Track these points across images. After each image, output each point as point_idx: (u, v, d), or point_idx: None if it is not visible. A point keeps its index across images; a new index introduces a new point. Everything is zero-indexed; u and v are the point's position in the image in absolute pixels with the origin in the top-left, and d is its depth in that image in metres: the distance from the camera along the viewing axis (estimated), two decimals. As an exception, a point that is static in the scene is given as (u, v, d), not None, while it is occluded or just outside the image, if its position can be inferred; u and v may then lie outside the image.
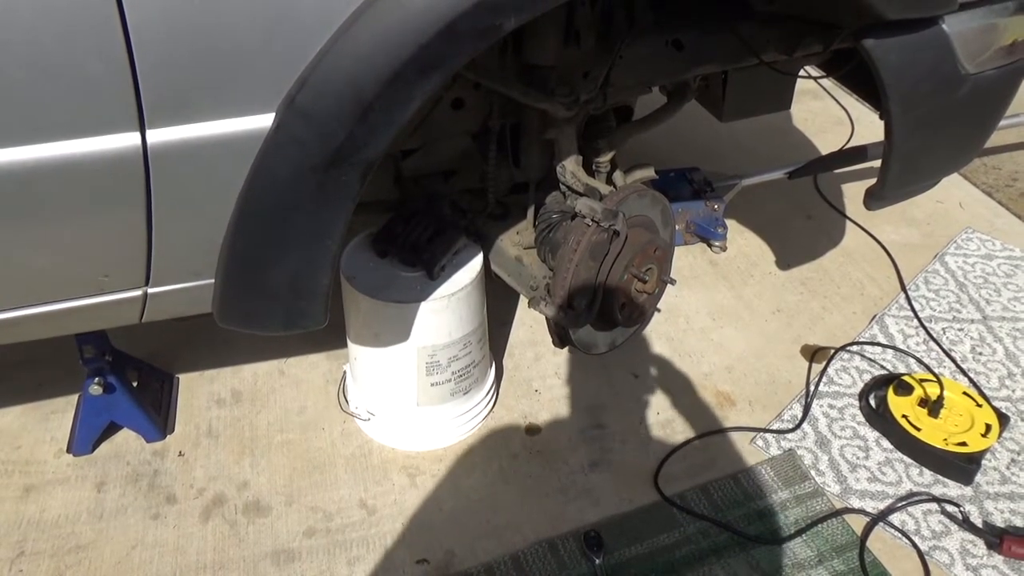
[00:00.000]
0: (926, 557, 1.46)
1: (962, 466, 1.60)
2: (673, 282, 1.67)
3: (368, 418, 1.68)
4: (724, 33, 1.57)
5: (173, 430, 1.71)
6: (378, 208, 1.74)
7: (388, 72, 0.97)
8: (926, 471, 1.63)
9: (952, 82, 1.38)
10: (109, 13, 0.85)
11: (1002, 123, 1.79)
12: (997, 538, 1.47)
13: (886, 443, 1.69)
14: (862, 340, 1.94)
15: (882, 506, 1.55)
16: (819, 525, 1.52)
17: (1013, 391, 1.82)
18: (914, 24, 1.30)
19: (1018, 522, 1.53)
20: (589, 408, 1.78)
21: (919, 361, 1.87)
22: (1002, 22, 1.38)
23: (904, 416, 1.67)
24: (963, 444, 1.61)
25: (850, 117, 2.91)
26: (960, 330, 1.99)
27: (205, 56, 0.91)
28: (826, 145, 2.75)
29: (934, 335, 1.96)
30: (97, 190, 0.97)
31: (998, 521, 1.53)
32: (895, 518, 1.53)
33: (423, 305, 1.49)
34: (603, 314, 1.56)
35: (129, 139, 0.93)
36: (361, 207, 1.14)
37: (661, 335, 1.97)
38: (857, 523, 1.53)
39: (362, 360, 1.64)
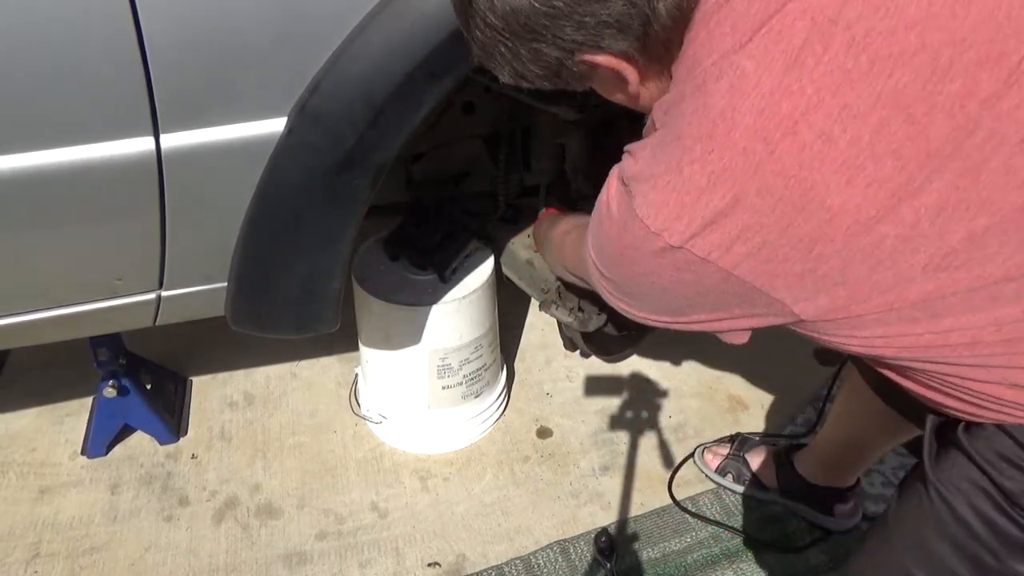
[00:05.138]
0: (941, 563, 1.45)
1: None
2: (685, 285, 1.66)
3: (380, 421, 1.68)
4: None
5: (186, 433, 1.72)
6: (389, 211, 1.74)
7: (399, 76, 0.97)
8: (941, 476, 1.61)
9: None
10: (123, 18, 0.86)
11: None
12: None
13: (901, 448, 1.67)
14: (876, 343, 1.93)
15: (896, 511, 1.54)
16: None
17: (1030, 395, 1.79)
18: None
19: (1035, 528, 1.51)
20: (600, 411, 1.77)
21: (934, 365, 1.84)
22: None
23: (919, 420, 1.66)
24: (979, 449, 1.60)
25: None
26: (975, 333, 1.97)
27: (218, 61, 0.92)
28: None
29: (949, 338, 1.94)
30: (111, 194, 0.98)
31: (1015, 527, 1.51)
32: (910, 523, 1.52)
33: (434, 308, 1.50)
34: (615, 317, 1.56)
35: (143, 144, 0.94)
36: (372, 210, 1.14)
37: (673, 338, 1.95)
38: (871, 528, 1.52)
39: (373, 363, 1.64)
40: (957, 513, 0.73)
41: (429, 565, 1.46)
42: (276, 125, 0.98)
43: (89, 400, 1.75)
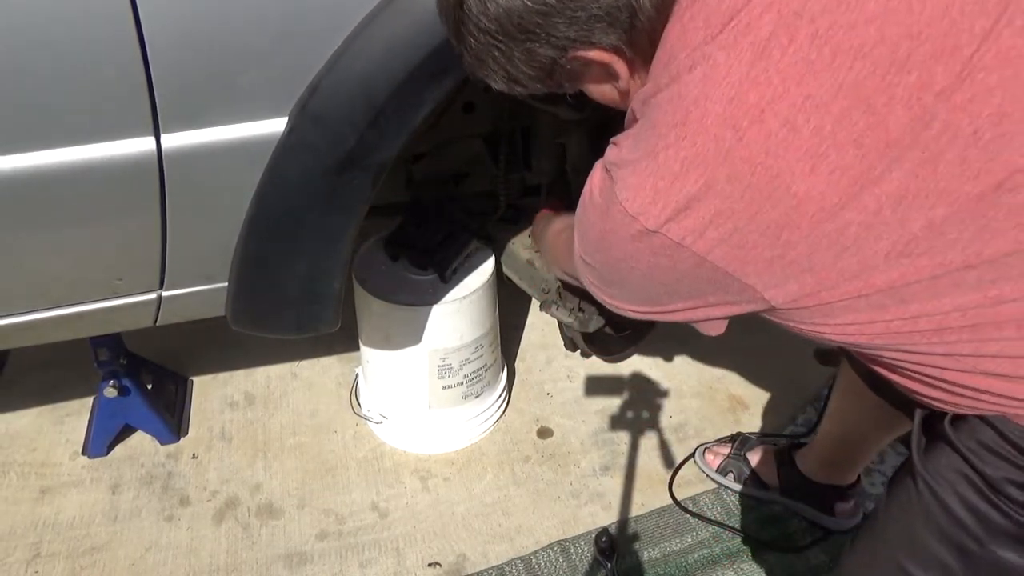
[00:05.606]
0: (942, 563, 1.45)
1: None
2: (685, 285, 1.66)
3: (380, 421, 1.68)
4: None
5: (187, 433, 1.72)
6: (389, 211, 1.74)
7: (400, 76, 0.97)
8: (942, 476, 1.61)
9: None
10: (124, 18, 0.86)
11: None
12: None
13: (901, 447, 1.67)
14: (876, 343, 1.93)
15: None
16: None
17: (1030, 395, 1.79)
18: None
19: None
20: (601, 411, 1.77)
21: (934, 364, 1.84)
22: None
23: (919, 420, 1.66)
24: (979, 448, 1.60)
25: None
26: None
27: (219, 61, 0.92)
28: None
29: (949, 338, 1.94)
30: (112, 194, 0.98)
31: (1015, 526, 1.51)
32: (910, 523, 1.52)
33: (435, 308, 1.50)
34: (615, 318, 1.56)
35: (144, 144, 0.94)
36: (372, 210, 1.14)
37: (673, 338, 1.96)
38: (872, 528, 1.52)
39: (374, 363, 1.64)
40: (944, 503, 0.75)
41: (430, 565, 1.46)
42: (277, 125, 0.98)
43: (90, 400, 1.75)
